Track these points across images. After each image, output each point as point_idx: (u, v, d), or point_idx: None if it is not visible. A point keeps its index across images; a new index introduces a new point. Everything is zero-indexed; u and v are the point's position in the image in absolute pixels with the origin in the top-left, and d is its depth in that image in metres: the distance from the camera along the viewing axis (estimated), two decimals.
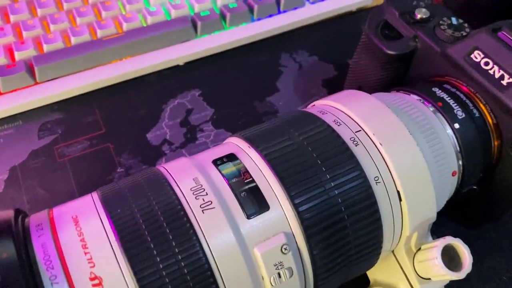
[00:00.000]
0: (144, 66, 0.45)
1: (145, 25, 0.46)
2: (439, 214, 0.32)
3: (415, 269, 0.28)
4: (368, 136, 0.27)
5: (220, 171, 0.25)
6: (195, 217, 0.23)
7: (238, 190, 0.24)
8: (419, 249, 0.28)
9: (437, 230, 0.36)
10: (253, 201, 0.24)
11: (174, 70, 0.46)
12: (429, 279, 0.28)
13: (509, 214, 0.34)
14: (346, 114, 0.28)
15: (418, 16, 0.34)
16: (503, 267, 0.35)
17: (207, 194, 0.24)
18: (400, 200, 0.26)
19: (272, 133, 0.27)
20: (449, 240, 0.26)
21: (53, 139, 0.40)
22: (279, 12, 0.49)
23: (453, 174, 0.29)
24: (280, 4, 0.49)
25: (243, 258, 0.23)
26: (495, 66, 0.29)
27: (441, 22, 0.33)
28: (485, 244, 0.36)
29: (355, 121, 0.27)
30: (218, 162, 0.26)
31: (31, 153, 0.40)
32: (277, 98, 0.45)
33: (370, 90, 0.34)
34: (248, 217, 0.24)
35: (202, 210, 0.23)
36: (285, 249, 0.23)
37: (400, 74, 0.36)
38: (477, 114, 0.30)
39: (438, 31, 0.33)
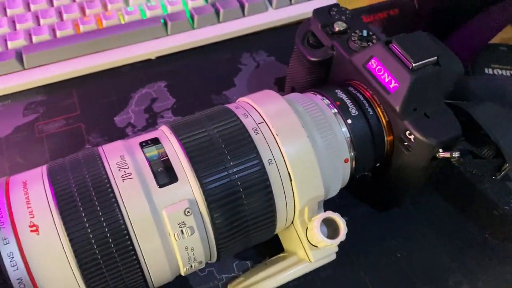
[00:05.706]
0: (120, 58, 0.52)
1: (123, 22, 0.53)
2: (354, 197, 0.39)
3: (307, 238, 0.35)
4: (268, 127, 0.33)
5: (143, 151, 0.32)
6: (116, 185, 0.30)
7: (155, 166, 0.31)
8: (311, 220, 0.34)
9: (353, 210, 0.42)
10: (166, 175, 0.31)
11: (146, 63, 0.53)
12: (317, 246, 0.34)
13: (408, 199, 0.41)
14: (255, 109, 0.34)
15: (336, 29, 0.40)
16: (399, 246, 0.41)
17: (128, 168, 0.30)
18: (291, 180, 0.32)
19: (193, 124, 0.33)
20: (328, 214, 0.33)
21: (35, 117, 0.48)
22: (244, 16, 0.55)
23: (345, 161, 0.35)
24: (244, 9, 0.55)
25: (153, 218, 0.29)
26: (385, 73, 0.35)
27: (353, 34, 0.39)
28: (388, 225, 0.42)
29: (260, 115, 0.34)
30: (143, 144, 0.32)
31: (15, 128, 0.47)
32: (232, 92, 0.51)
33: (300, 90, 0.40)
34: (160, 186, 0.30)
35: (123, 179, 0.30)
36: (188, 212, 0.30)
37: (322, 77, 0.42)
38: (371, 112, 0.36)
39: (350, 42, 0.39)
